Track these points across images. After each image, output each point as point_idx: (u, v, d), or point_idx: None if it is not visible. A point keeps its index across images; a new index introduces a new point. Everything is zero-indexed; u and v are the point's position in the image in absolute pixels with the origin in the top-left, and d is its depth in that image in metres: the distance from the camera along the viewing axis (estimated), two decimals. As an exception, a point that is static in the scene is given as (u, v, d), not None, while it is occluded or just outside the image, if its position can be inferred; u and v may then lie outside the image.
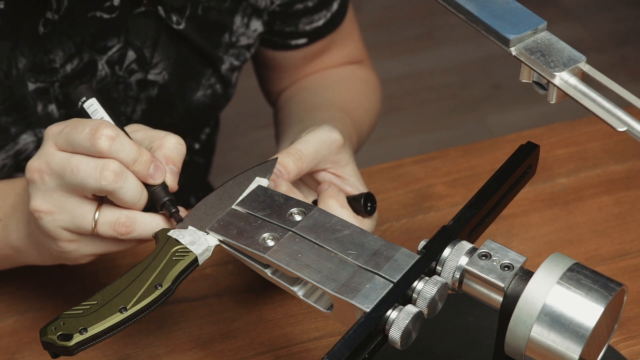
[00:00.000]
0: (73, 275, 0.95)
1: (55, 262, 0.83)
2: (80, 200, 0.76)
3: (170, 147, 0.78)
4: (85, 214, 0.76)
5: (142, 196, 0.76)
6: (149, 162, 0.76)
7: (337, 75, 1.15)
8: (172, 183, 0.78)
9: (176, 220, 0.76)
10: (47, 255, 0.81)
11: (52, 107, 0.99)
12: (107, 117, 0.79)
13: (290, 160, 0.83)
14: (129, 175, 0.75)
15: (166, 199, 0.76)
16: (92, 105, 0.80)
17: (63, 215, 0.76)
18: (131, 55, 1.00)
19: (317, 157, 0.85)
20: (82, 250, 0.78)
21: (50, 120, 0.99)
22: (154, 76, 1.03)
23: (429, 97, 2.51)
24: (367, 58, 1.20)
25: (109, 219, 0.76)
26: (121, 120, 1.00)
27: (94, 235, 0.77)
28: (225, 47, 1.05)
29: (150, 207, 0.78)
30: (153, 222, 0.77)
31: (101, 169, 0.74)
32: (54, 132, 0.76)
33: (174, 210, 0.76)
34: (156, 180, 0.76)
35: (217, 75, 1.07)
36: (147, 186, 0.77)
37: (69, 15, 0.94)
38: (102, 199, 0.77)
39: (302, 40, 1.11)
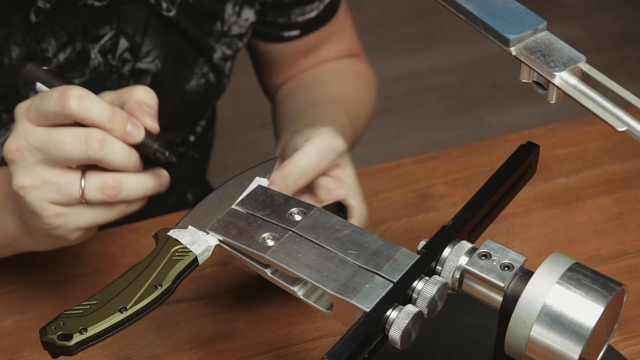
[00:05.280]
0: (73, 275, 0.95)
1: (51, 245, 0.83)
2: (64, 170, 0.76)
3: (140, 93, 0.77)
4: (71, 182, 0.76)
5: (132, 156, 0.76)
6: (125, 120, 0.75)
7: (333, 70, 1.15)
8: (153, 125, 0.77)
9: (171, 163, 0.76)
10: (43, 239, 0.82)
11: None
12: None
13: (292, 181, 0.81)
14: (114, 140, 0.75)
15: (155, 146, 0.77)
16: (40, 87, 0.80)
17: (48, 187, 0.76)
18: (123, 43, 1.00)
19: (318, 168, 0.83)
20: (70, 223, 0.78)
21: None
22: (147, 65, 1.03)
23: (429, 97, 2.51)
24: (362, 51, 1.20)
25: (96, 183, 0.76)
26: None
27: (81, 204, 0.77)
28: (216, 36, 1.05)
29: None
30: (139, 181, 0.77)
31: (85, 140, 0.74)
32: (23, 108, 0.77)
33: (167, 154, 0.77)
34: (136, 138, 0.76)
35: (209, 64, 1.07)
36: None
37: (61, 4, 0.94)
38: (86, 166, 0.77)
39: (295, 32, 1.11)
